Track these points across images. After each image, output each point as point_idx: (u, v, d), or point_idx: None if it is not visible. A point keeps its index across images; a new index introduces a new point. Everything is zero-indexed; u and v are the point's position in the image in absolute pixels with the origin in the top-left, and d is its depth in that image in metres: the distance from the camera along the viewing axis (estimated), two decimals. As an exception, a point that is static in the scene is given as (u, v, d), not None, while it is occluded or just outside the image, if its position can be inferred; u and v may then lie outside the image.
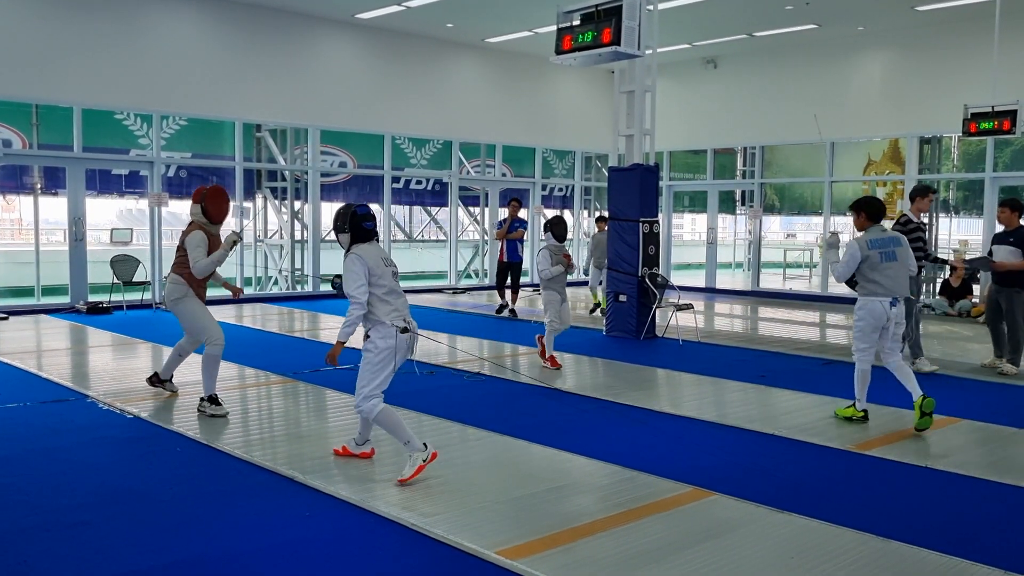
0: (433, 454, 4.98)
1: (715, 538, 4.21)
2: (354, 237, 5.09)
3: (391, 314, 4.99)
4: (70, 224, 13.17)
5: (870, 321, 6.42)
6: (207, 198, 6.58)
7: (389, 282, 5.03)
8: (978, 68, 13.49)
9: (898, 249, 6.43)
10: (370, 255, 5.01)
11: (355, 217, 5.10)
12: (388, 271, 5.06)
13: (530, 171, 18.99)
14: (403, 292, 5.17)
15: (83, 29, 12.82)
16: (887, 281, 6.34)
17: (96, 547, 4.06)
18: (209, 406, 6.52)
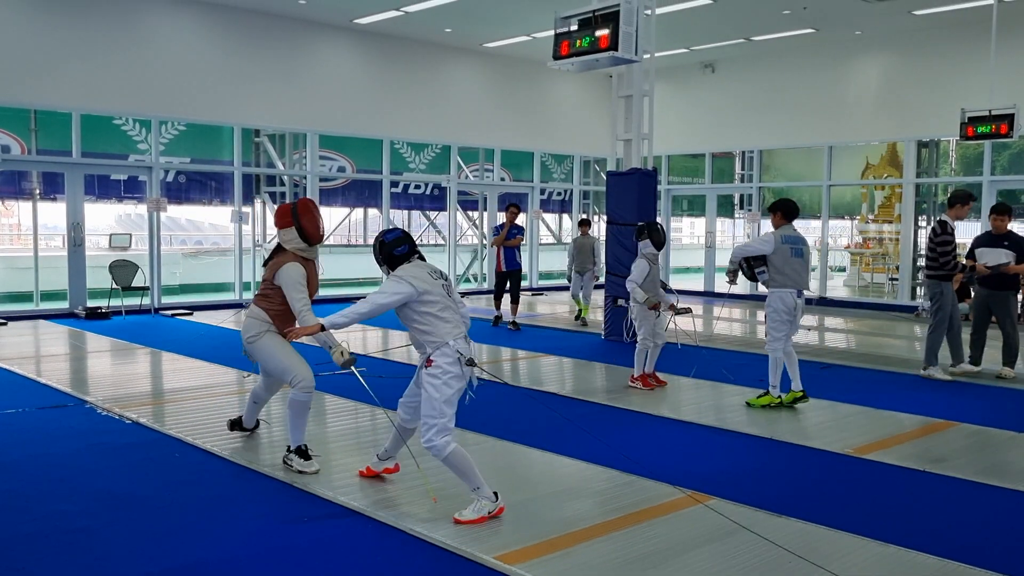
0: (501, 508, 4.49)
1: (713, 542, 4.22)
2: (391, 265, 4.73)
3: (452, 331, 4.54)
4: (69, 229, 13.17)
5: (782, 311, 7.05)
6: (301, 214, 5.48)
7: (442, 296, 4.57)
8: (975, 72, 13.52)
9: (804, 248, 7.13)
10: (413, 277, 4.56)
11: (384, 247, 4.74)
12: (438, 284, 4.63)
13: (529, 175, 19.01)
14: (456, 306, 4.69)
15: (81, 35, 12.83)
16: (794, 275, 7.02)
17: (96, 553, 4.07)
18: (296, 460, 5.33)
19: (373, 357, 9.73)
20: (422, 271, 4.66)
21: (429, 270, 4.70)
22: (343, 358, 5.07)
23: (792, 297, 7.05)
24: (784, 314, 7.07)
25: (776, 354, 7.14)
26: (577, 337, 11.54)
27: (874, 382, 8.53)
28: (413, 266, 4.72)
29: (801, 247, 7.09)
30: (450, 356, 4.50)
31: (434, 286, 4.59)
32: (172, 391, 7.75)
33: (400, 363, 9.34)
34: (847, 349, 10.96)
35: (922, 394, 7.88)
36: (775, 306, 7.09)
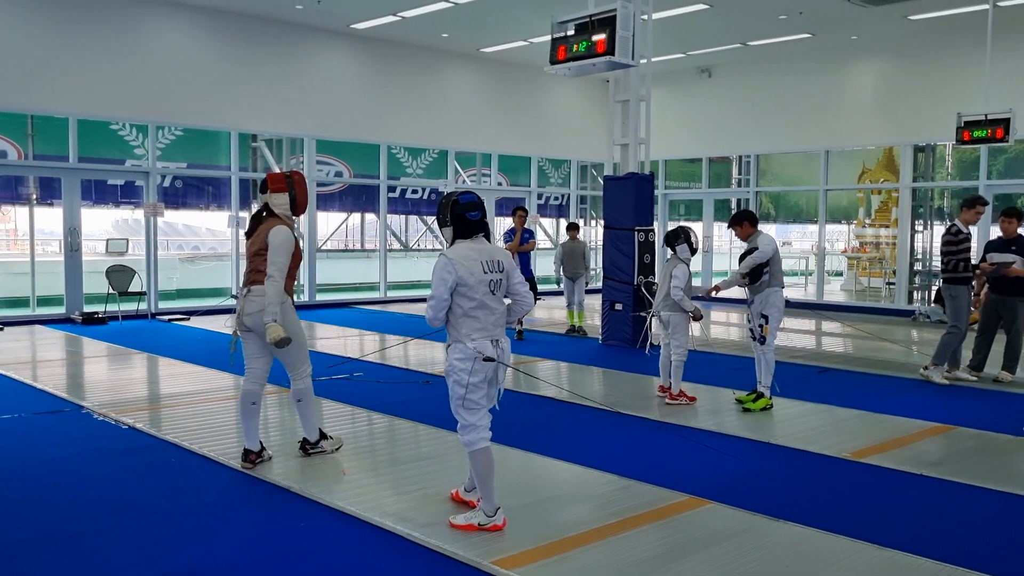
0: (495, 525, 4.33)
1: (711, 547, 4.21)
2: (457, 231, 4.32)
3: (476, 332, 4.26)
4: (65, 234, 13.15)
5: (782, 309, 7.25)
6: (296, 183, 5.40)
7: (481, 295, 4.24)
8: (971, 77, 13.56)
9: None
10: (466, 259, 4.24)
11: (457, 207, 4.30)
12: (486, 279, 4.26)
13: (526, 180, 19.02)
14: (500, 304, 4.37)
15: (78, 40, 12.83)
16: (780, 274, 7.26)
17: (92, 559, 4.05)
18: (327, 443, 5.71)
19: (371, 362, 9.72)
20: (476, 260, 4.26)
21: (486, 259, 4.30)
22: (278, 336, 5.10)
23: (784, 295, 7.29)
24: (783, 312, 7.26)
25: (772, 354, 7.25)
26: (575, 342, 11.54)
27: (871, 386, 8.53)
28: (470, 247, 4.31)
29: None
30: (462, 354, 4.27)
31: (480, 282, 4.24)
32: (169, 396, 7.74)
33: (398, 368, 9.33)
34: (844, 353, 10.97)
35: (920, 398, 7.89)
36: (779, 305, 7.19)
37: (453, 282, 4.20)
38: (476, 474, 4.37)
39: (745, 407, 7.19)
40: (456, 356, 4.28)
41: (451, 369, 4.30)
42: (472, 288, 4.22)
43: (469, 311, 4.25)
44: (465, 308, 4.25)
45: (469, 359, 4.25)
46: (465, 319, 4.26)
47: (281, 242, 5.21)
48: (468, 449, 4.35)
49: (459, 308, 4.25)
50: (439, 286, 4.21)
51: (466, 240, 4.32)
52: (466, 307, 4.25)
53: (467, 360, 4.26)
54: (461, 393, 4.29)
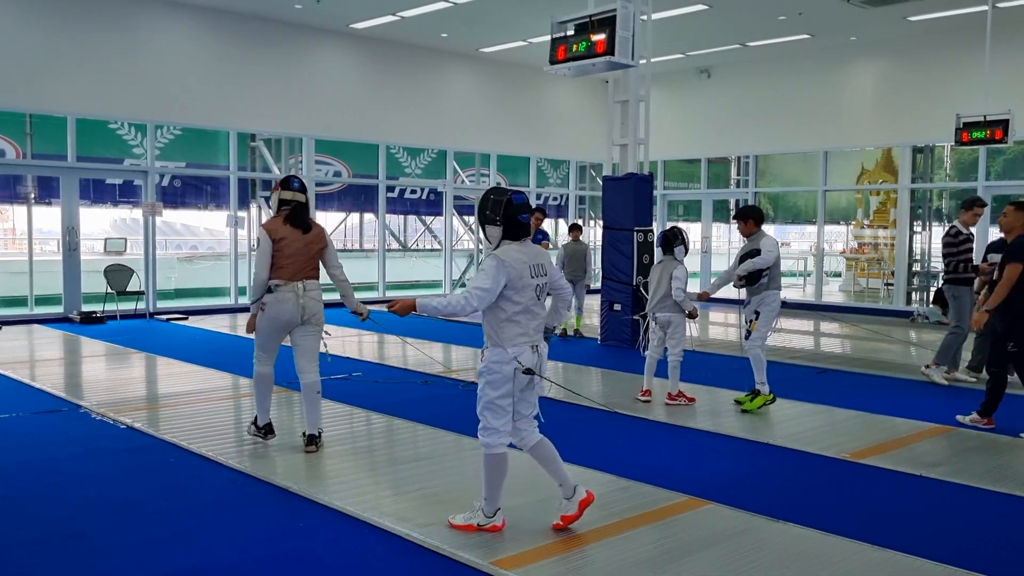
0: (494, 526, 4.30)
1: (710, 547, 4.21)
2: (507, 232, 4.18)
3: (517, 338, 4.15)
4: (64, 234, 13.14)
5: (777, 310, 7.25)
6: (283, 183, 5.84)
7: (528, 300, 4.15)
8: (970, 78, 13.57)
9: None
10: (516, 262, 4.12)
11: (510, 207, 4.14)
12: (533, 284, 4.17)
13: (525, 180, 19.01)
14: (543, 309, 4.28)
15: (77, 39, 12.82)
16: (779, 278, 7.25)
17: (90, 559, 4.04)
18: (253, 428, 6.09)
19: (370, 362, 9.71)
20: (524, 265, 4.15)
21: (534, 264, 4.19)
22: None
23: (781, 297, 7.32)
24: (777, 313, 7.30)
25: (759, 351, 7.26)
26: (574, 343, 11.53)
27: (870, 387, 8.53)
28: (519, 251, 4.18)
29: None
30: (500, 358, 4.15)
31: (527, 286, 4.15)
32: (167, 396, 7.72)
33: (397, 368, 9.32)
34: (843, 354, 10.97)
35: (918, 399, 7.89)
36: (773, 306, 7.23)
37: (503, 283, 4.09)
38: (486, 477, 4.28)
39: (743, 408, 7.19)
40: (494, 359, 4.16)
41: (486, 371, 4.19)
42: (519, 292, 4.13)
43: (513, 315, 4.14)
44: (509, 312, 4.14)
45: (507, 364, 4.14)
46: (508, 324, 4.15)
47: (258, 247, 5.75)
48: (484, 451, 4.26)
49: (502, 312, 4.14)
50: (490, 280, 4.05)
51: (514, 242, 4.19)
52: (510, 311, 4.14)
53: (505, 365, 4.14)
54: (492, 396, 4.19)
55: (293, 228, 5.73)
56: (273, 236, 5.67)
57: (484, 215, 4.20)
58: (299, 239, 5.73)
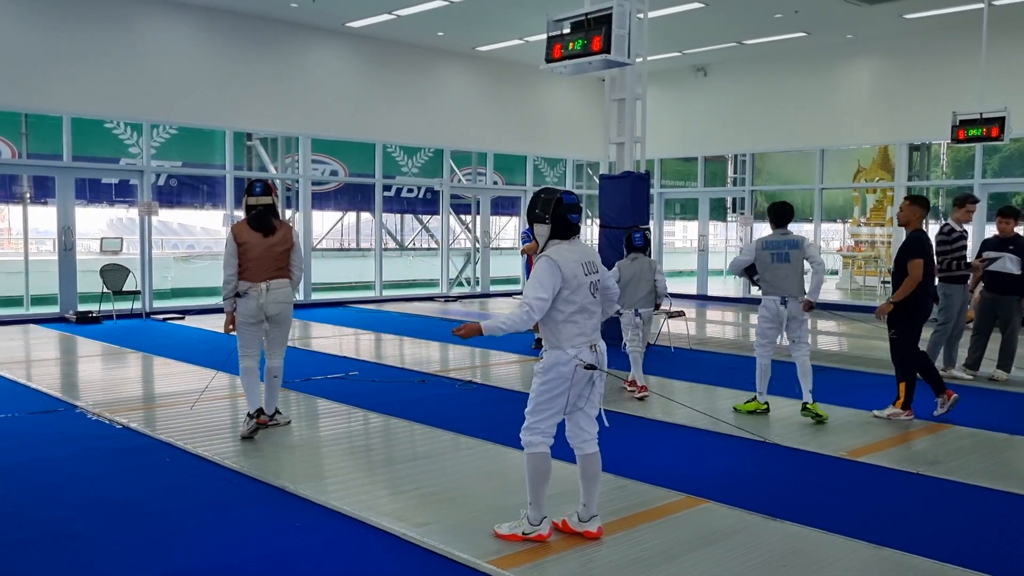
0: (540, 535, 4.18)
1: (707, 546, 4.20)
2: (555, 231, 4.16)
3: (576, 338, 4.10)
4: (59, 233, 13.11)
5: (767, 317, 6.96)
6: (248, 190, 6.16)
7: (583, 298, 4.10)
8: (966, 75, 13.58)
9: (792, 252, 6.81)
10: (568, 261, 4.07)
11: (560, 206, 4.12)
12: (587, 282, 4.12)
13: (521, 179, 19.00)
14: (599, 307, 4.24)
15: (73, 38, 12.79)
16: (777, 281, 6.85)
17: (86, 559, 4.03)
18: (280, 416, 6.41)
19: (367, 361, 9.70)
20: (576, 263, 4.10)
21: (585, 261, 4.15)
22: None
23: (775, 304, 6.89)
24: (768, 321, 6.98)
25: (763, 360, 7.08)
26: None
27: (867, 385, 8.53)
28: (571, 247, 4.15)
29: (786, 251, 6.85)
30: (559, 359, 4.08)
31: (581, 284, 4.09)
32: (163, 395, 7.71)
33: (395, 367, 9.32)
34: (840, 352, 10.98)
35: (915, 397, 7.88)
36: (760, 312, 7.09)
37: (558, 285, 4.03)
38: (530, 480, 4.17)
39: (735, 407, 7.19)
40: (552, 361, 4.11)
41: (544, 371, 4.12)
42: (574, 291, 4.06)
43: (570, 316, 4.08)
44: (566, 313, 4.08)
45: (567, 365, 4.07)
46: (566, 325, 4.09)
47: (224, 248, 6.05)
48: (527, 451, 4.18)
49: (559, 313, 4.08)
50: (543, 288, 4.00)
51: (563, 241, 4.16)
52: (567, 312, 4.07)
53: (563, 366, 4.08)
54: (545, 396, 4.12)
55: (255, 232, 6.03)
56: (237, 240, 6.01)
57: (534, 213, 4.19)
58: (261, 243, 6.03)
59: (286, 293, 6.13)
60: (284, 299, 6.12)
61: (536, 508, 4.19)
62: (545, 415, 4.16)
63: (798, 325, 6.93)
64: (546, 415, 4.16)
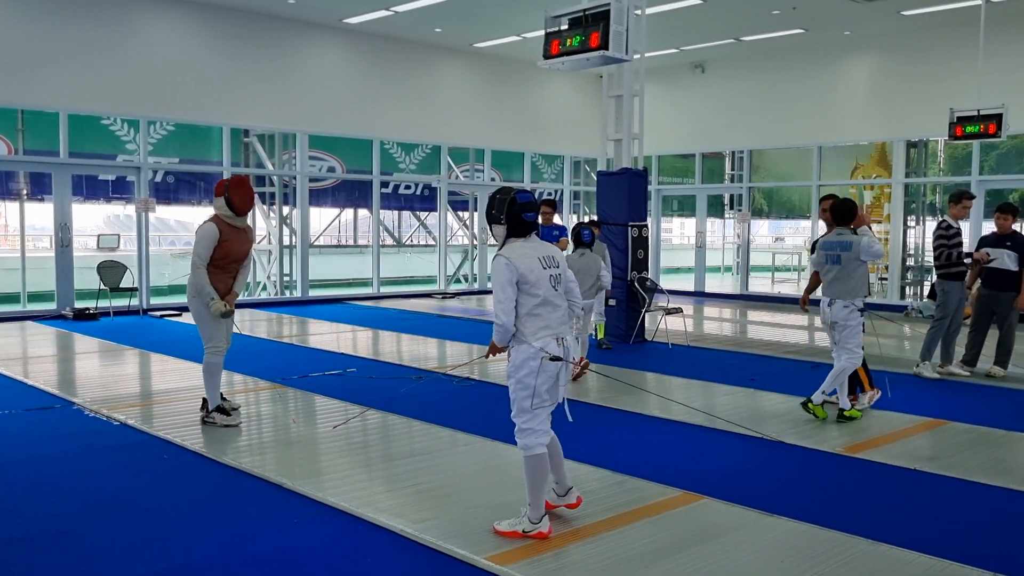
0: (540, 532, 4.18)
1: (705, 542, 4.21)
2: (511, 231, 4.19)
3: (540, 331, 4.12)
4: (56, 230, 13.08)
5: (822, 318, 6.86)
6: (232, 188, 6.23)
7: (545, 291, 4.13)
8: (964, 72, 13.58)
9: (844, 254, 6.59)
10: (523, 257, 4.12)
11: (514, 205, 4.16)
12: (546, 275, 4.15)
13: (519, 176, 18.99)
14: (563, 300, 4.28)
15: (69, 34, 12.75)
16: (825, 282, 6.77)
17: (82, 556, 4.03)
18: (219, 416, 6.31)
19: (364, 358, 9.70)
20: (532, 257, 4.15)
21: (542, 255, 4.20)
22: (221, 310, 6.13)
23: (824, 305, 6.75)
24: (825, 324, 6.82)
25: (838, 363, 6.69)
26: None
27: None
28: (525, 245, 4.20)
29: (838, 252, 6.60)
30: (525, 354, 4.13)
31: (540, 278, 4.13)
32: (161, 392, 7.70)
33: (391, 364, 9.31)
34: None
35: (913, 393, 7.90)
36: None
37: (515, 280, 4.08)
38: (529, 480, 4.20)
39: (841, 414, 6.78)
40: (520, 357, 4.15)
41: (514, 370, 4.17)
42: (534, 285, 4.10)
43: (533, 309, 4.12)
44: (529, 307, 4.12)
45: (535, 359, 4.11)
46: (529, 318, 4.13)
47: (199, 238, 6.19)
48: (525, 453, 4.20)
49: (522, 308, 4.12)
50: (504, 288, 4.07)
51: (519, 239, 4.20)
52: (529, 305, 4.12)
53: (533, 360, 4.12)
54: (525, 395, 4.15)
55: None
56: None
57: (490, 214, 4.24)
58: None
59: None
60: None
61: (536, 508, 4.21)
62: (529, 413, 4.19)
63: (841, 330, 6.66)
64: (530, 412, 4.19)
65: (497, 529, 4.25)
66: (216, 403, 6.37)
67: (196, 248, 6.16)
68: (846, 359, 6.67)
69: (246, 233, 6.40)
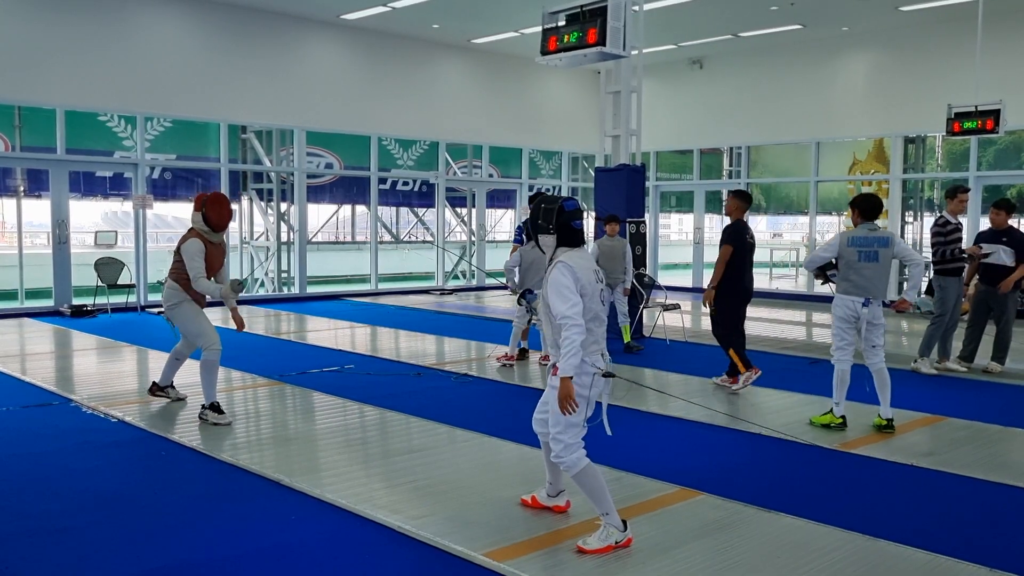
0: (629, 539, 4.06)
1: (702, 538, 4.21)
2: (561, 240, 4.09)
3: (590, 347, 4.01)
4: (54, 227, 13.06)
5: (845, 318, 6.37)
6: (208, 204, 6.31)
7: (596, 305, 4.03)
8: (961, 68, 13.58)
9: (882, 250, 6.27)
10: (583, 268, 4.00)
11: (563, 214, 4.05)
12: (598, 290, 4.06)
13: (517, 172, 18.98)
14: (606, 316, 4.24)
15: (66, 30, 12.72)
16: (862, 281, 6.29)
17: (80, 553, 4.03)
18: (211, 414, 6.34)
19: (363, 355, 9.70)
20: (589, 270, 4.04)
21: (595, 268, 4.10)
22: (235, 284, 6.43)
23: (855, 305, 6.30)
24: (844, 322, 6.37)
25: (841, 366, 6.43)
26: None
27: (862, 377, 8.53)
28: (580, 254, 4.08)
29: (876, 249, 6.26)
30: (579, 370, 3.98)
31: (595, 292, 4.02)
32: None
33: (390, 360, 9.31)
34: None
35: (910, 389, 7.91)
36: (835, 312, 6.45)
37: (579, 285, 3.95)
38: (592, 492, 4.06)
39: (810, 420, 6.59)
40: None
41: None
42: (590, 298, 3.98)
43: (585, 325, 3.96)
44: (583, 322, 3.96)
45: (588, 375, 4.02)
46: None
47: (189, 254, 6.31)
48: (575, 469, 4.05)
49: None
50: (572, 293, 3.91)
51: (573, 249, 4.09)
52: (583, 321, 3.95)
53: (584, 376, 4.01)
54: (578, 410, 3.99)
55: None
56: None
57: (536, 224, 4.12)
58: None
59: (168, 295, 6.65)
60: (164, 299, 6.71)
61: (613, 515, 4.05)
62: (577, 429, 4.11)
63: (875, 329, 6.39)
64: (578, 429, 4.11)
65: (586, 549, 3.99)
66: (211, 400, 6.40)
67: (191, 264, 6.30)
68: (882, 359, 6.45)
69: (222, 247, 6.58)
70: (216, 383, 6.47)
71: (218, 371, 6.50)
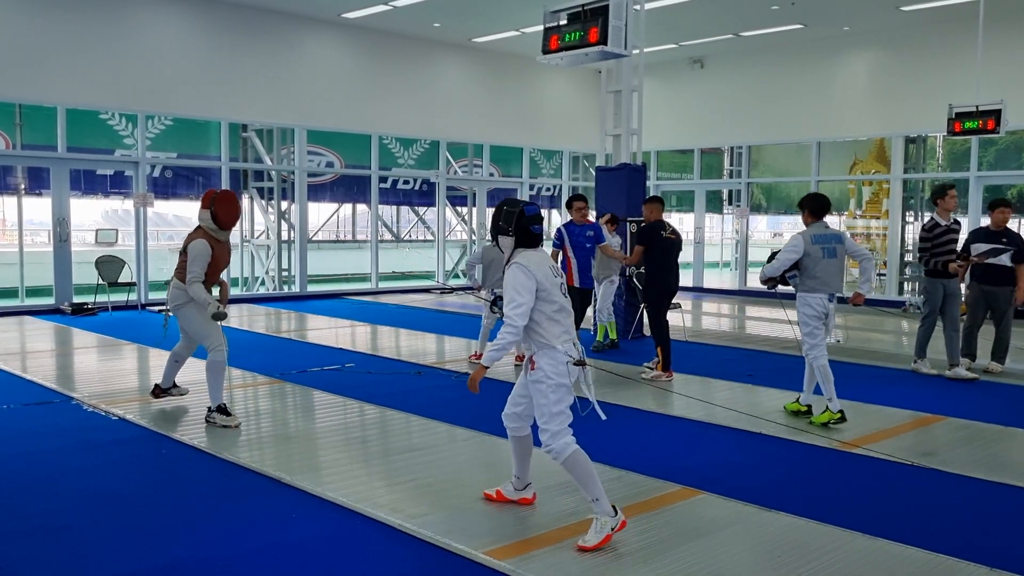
0: (623, 522, 4.14)
1: (703, 537, 4.22)
2: (519, 242, 4.30)
3: (562, 336, 4.21)
4: (54, 225, 13.07)
5: (814, 315, 6.57)
6: (217, 203, 6.19)
7: (559, 298, 4.24)
8: (962, 68, 13.57)
9: (839, 247, 6.58)
10: (538, 266, 4.22)
11: (523, 218, 4.27)
12: (558, 283, 4.28)
13: (518, 171, 18.98)
14: (572, 308, 4.41)
15: (68, 29, 12.72)
16: (827, 277, 6.51)
17: (80, 551, 4.03)
18: (219, 417, 6.23)
19: (363, 353, 9.70)
20: (544, 265, 4.27)
21: (550, 265, 4.32)
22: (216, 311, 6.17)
23: (823, 301, 6.52)
24: (814, 319, 6.55)
25: (820, 361, 6.54)
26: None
27: (863, 377, 8.56)
28: (537, 254, 4.31)
29: (834, 246, 6.53)
30: (555, 359, 4.19)
31: (554, 285, 4.24)
32: (159, 387, 7.69)
33: (391, 359, 9.31)
34: (835, 344, 10.98)
35: (911, 388, 7.92)
36: (803, 311, 6.57)
37: (534, 287, 4.16)
38: (582, 477, 4.15)
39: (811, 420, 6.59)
40: (549, 363, 4.20)
41: (545, 376, 4.20)
42: (550, 292, 4.20)
43: (552, 315, 4.20)
44: (548, 313, 4.20)
45: (562, 363, 4.19)
46: (550, 323, 4.21)
47: (194, 255, 6.17)
48: (563, 455, 4.16)
49: (542, 314, 4.20)
50: (522, 293, 4.13)
51: (529, 249, 4.30)
52: (549, 312, 4.20)
53: (560, 365, 4.19)
54: (557, 399, 4.19)
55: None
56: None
57: (497, 226, 4.33)
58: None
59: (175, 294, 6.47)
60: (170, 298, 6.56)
61: (603, 501, 4.12)
62: (563, 417, 4.21)
63: (830, 322, 6.66)
64: (564, 415, 4.22)
65: (586, 547, 4.02)
66: (218, 402, 6.31)
67: (192, 266, 6.16)
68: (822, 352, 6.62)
69: (228, 245, 6.50)
70: (223, 385, 6.34)
71: (225, 372, 6.37)
